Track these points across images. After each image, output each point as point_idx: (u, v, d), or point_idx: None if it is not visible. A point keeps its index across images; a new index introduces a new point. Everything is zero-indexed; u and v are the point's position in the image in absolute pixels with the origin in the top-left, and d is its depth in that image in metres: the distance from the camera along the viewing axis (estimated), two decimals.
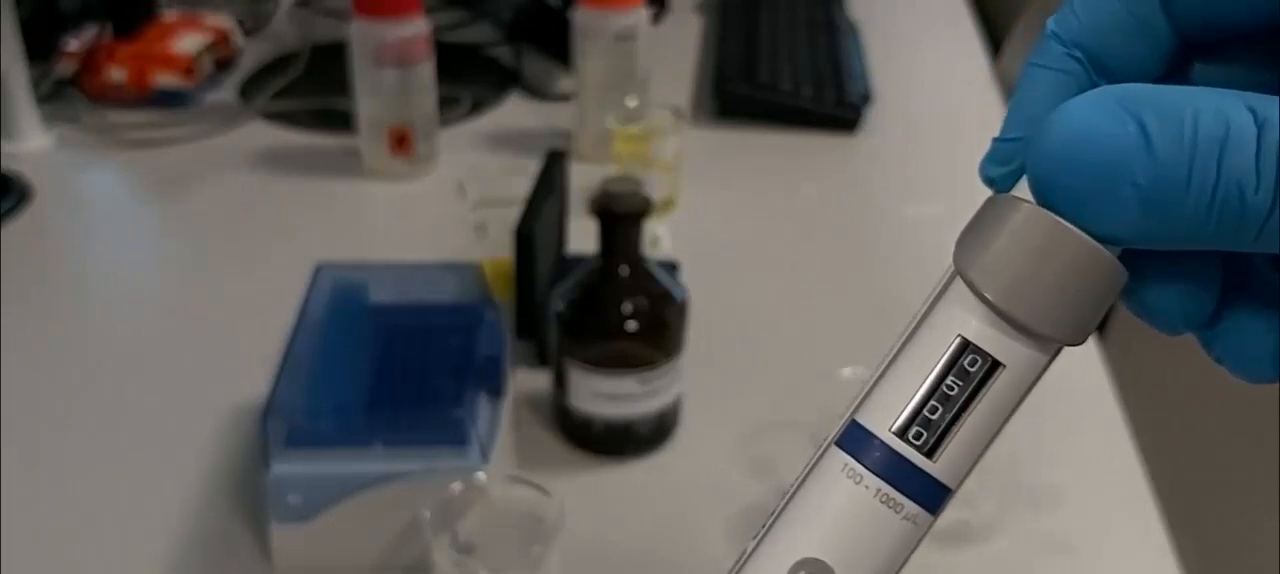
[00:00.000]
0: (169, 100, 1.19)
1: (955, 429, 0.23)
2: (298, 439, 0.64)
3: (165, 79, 1.18)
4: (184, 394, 0.81)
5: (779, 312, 0.91)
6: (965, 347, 0.23)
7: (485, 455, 0.65)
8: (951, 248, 0.24)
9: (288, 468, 0.64)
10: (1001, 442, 0.26)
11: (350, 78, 1.05)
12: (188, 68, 1.19)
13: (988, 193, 0.26)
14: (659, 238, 0.97)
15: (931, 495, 0.23)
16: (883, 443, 0.23)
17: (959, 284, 0.23)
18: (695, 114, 1.20)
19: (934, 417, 0.23)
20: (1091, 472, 0.77)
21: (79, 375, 0.84)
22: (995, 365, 0.23)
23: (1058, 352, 0.23)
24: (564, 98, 1.19)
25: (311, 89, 1.21)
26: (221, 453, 0.75)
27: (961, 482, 0.24)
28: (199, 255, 1.00)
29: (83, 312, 0.92)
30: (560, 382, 0.75)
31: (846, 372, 0.70)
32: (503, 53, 1.31)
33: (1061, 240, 0.22)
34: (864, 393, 0.24)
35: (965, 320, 0.23)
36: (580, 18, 1.08)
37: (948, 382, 0.23)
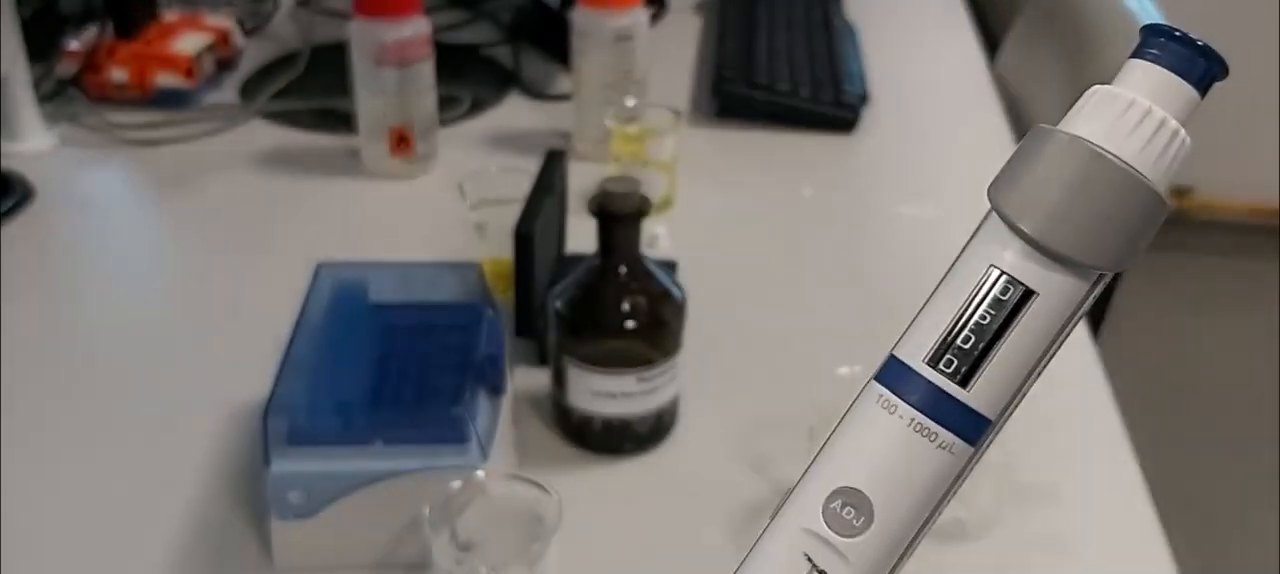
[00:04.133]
0: (170, 100, 1.19)
1: (989, 358, 0.23)
2: (298, 437, 0.65)
3: (166, 79, 1.19)
4: (184, 394, 0.82)
5: (776, 310, 0.92)
6: (998, 277, 0.23)
7: (485, 453, 0.65)
8: (949, 247, 0.24)
9: (288, 466, 0.64)
10: (997, 440, 0.25)
11: (350, 78, 1.05)
12: (188, 68, 1.19)
13: (984, 191, 0.26)
14: (657, 237, 0.97)
15: (968, 425, 0.23)
16: (916, 374, 0.23)
17: (994, 219, 0.23)
18: (693, 114, 1.21)
19: (966, 346, 0.23)
20: (1086, 469, 0.77)
21: (79, 375, 0.84)
22: (1028, 294, 0.23)
23: (1099, 280, 0.23)
24: (563, 98, 1.20)
25: (312, 89, 1.21)
26: (222, 451, 0.76)
27: (1004, 413, 0.23)
28: (199, 255, 1.00)
29: (83, 311, 0.93)
30: (559, 380, 0.75)
31: (843, 370, 0.71)
32: (502, 53, 1.31)
33: (1098, 169, 0.22)
34: (904, 331, 0.24)
35: (1000, 253, 0.23)
36: (579, 18, 1.08)
37: (981, 312, 0.23)
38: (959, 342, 0.23)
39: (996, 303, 0.23)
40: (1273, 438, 1.88)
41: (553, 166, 0.86)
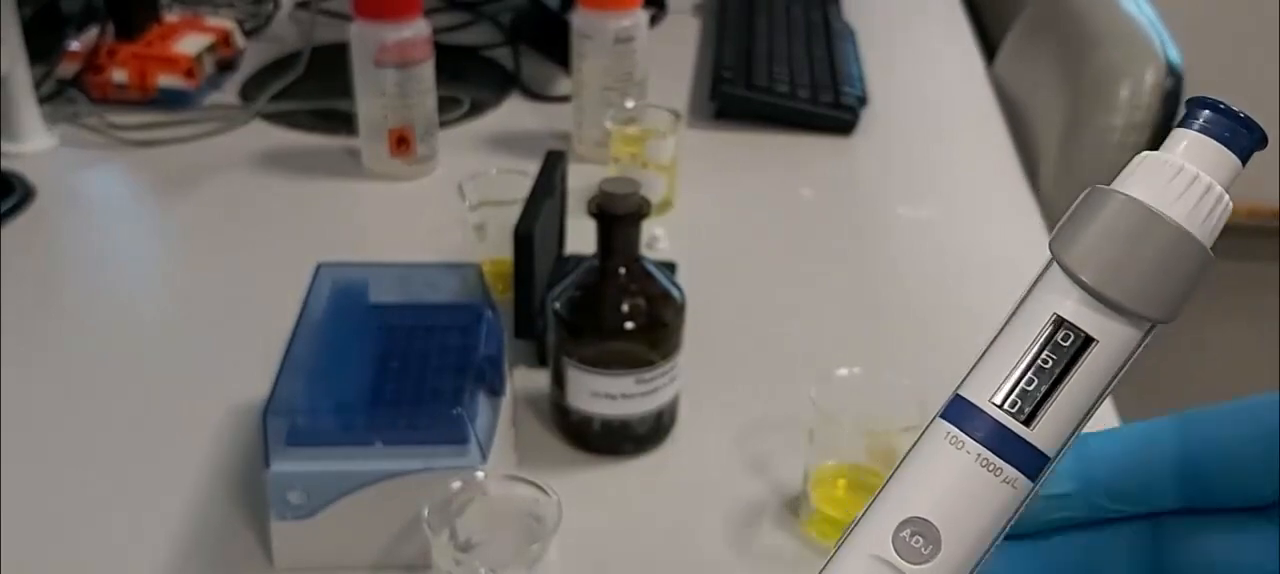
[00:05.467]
0: (170, 101, 1.19)
1: (1051, 400, 0.25)
2: (298, 437, 0.65)
3: (167, 79, 1.19)
4: (184, 394, 0.82)
5: (775, 311, 0.92)
6: (1060, 324, 0.25)
7: (484, 454, 0.65)
8: (947, 249, 0.25)
9: (288, 466, 0.65)
10: None
11: (351, 79, 1.06)
12: (189, 68, 1.19)
13: (982, 193, 0.26)
14: (657, 238, 0.97)
15: (1030, 462, 0.25)
16: (983, 412, 0.25)
17: (1055, 269, 0.25)
18: (693, 115, 1.21)
19: (1030, 388, 0.25)
20: None
21: (79, 375, 0.84)
22: (1088, 341, 0.25)
23: (1151, 329, 0.25)
24: (563, 99, 1.20)
25: (312, 90, 1.21)
26: (222, 451, 0.76)
27: (1061, 451, 0.25)
28: (200, 255, 1.01)
29: (83, 311, 0.93)
30: (559, 381, 0.76)
31: (842, 371, 0.71)
32: (502, 54, 1.32)
33: (1152, 226, 0.25)
34: (967, 373, 0.26)
35: (1061, 302, 0.25)
36: (579, 20, 1.08)
37: (1043, 356, 0.25)
38: (1023, 384, 0.25)
39: (1057, 348, 0.25)
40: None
41: (552, 168, 0.86)
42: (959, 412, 0.25)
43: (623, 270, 0.74)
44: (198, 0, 1.38)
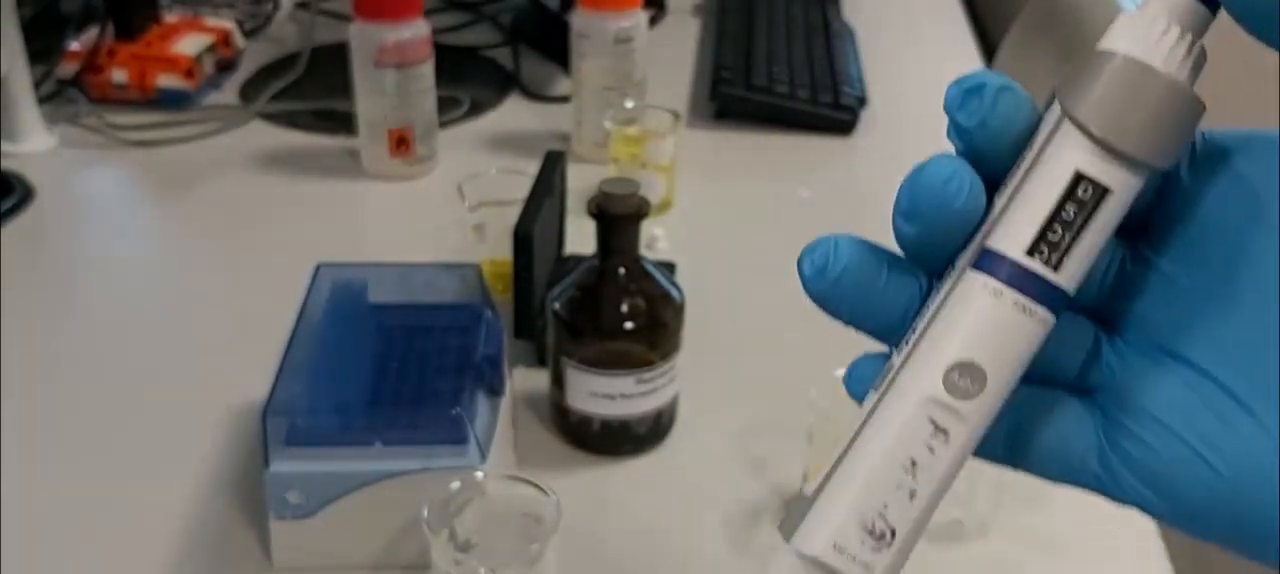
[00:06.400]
0: (170, 101, 1.19)
1: (1075, 246, 0.28)
2: (297, 437, 0.65)
3: (166, 80, 1.19)
4: (184, 394, 0.82)
5: (775, 312, 0.92)
6: (1079, 178, 0.28)
7: (483, 454, 0.65)
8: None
9: (287, 466, 0.65)
10: None
11: (350, 79, 1.06)
12: (189, 69, 1.19)
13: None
14: (656, 238, 0.97)
15: (1056, 300, 0.28)
16: (1016, 263, 0.28)
17: (1067, 126, 0.28)
18: (692, 116, 1.21)
19: (1055, 237, 0.28)
20: None
21: (79, 375, 0.84)
22: (1105, 192, 0.28)
23: (1149, 176, 0.28)
24: (562, 99, 1.20)
25: (312, 90, 1.21)
26: (221, 451, 0.76)
27: (1078, 286, 0.28)
28: (199, 255, 1.01)
29: (83, 311, 0.93)
30: (558, 381, 0.76)
31: (840, 372, 0.71)
32: (502, 55, 1.32)
33: (1151, 79, 0.27)
34: (990, 225, 0.29)
35: (1076, 156, 0.28)
36: (578, 20, 1.08)
37: (1065, 208, 0.28)
38: (1049, 234, 0.28)
39: (1078, 200, 0.28)
40: None
41: (552, 168, 0.86)
42: (992, 262, 0.28)
43: (622, 270, 0.74)
44: (197, 1, 1.38)
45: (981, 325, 0.28)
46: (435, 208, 1.02)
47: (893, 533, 0.29)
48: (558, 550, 0.62)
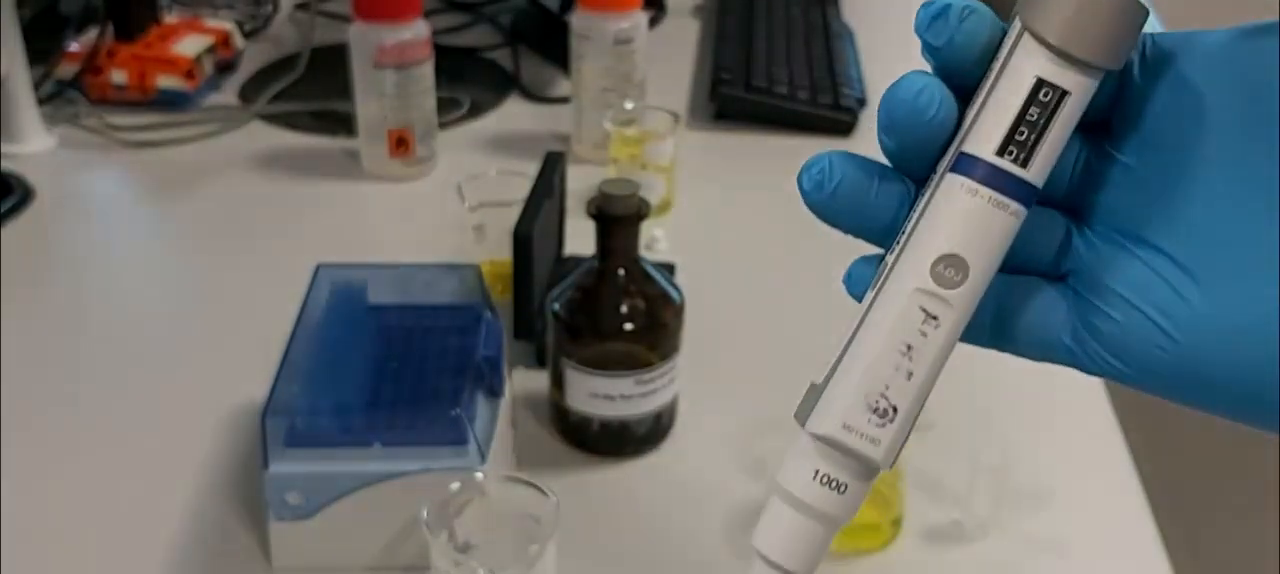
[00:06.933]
0: (170, 102, 1.19)
1: (1040, 145, 0.31)
2: (297, 438, 0.65)
3: (166, 81, 1.19)
4: (184, 394, 0.82)
5: (774, 313, 0.92)
6: (1040, 84, 0.30)
7: (483, 455, 0.65)
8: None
9: (287, 467, 0.65)
10: (993, 442, 0.28)
11: (350, 80, 1.06)
12: (189, 70, 1.19)
13: None
14: (656, 239, 0.97)
15: (1027, 194, 0.31)
16: (989, 163, 0.31)
17: (1027, 38, 0.30)
18: (692, 117, 1.21)
19: (1022, 138, 0.31)
20: (1083, 471, 0.77)
21: (79, 375, 0.84)
22: (1064, 94, 0.30)
23: (1103, 77, 0.31)
24: (562, 100, 1.20)
25: (311, 91, 1.22)
26: (221, 452, 0.76)
27: (1045, 180, 0.31)
28: (199, 256, 1.01)
29: (83, 312, 0.93)
30: (557, 382, 0.76)
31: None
32: (502, 56, 1.32)
33: None
34: (964, 132, 0.31)
35: (1037, 64, 0.30)
36: (578, 21, 1.08)
37: (1030, 111, 0.30)
38: (1016, 135, 0.31)
39: (1040, 103, 0.30)
40: (1271, 439, 1.88)
41: (551, 169, 0.86)
42: (968, 165, 0.31)
43: (622, 271, 0.74)
44: (197, 1, 1.38)
45: (962, 221, 0.31)
46: (435, 209, 1.02)
47: (894, 410, 0.33)
48: (557, 551, 0.62)
